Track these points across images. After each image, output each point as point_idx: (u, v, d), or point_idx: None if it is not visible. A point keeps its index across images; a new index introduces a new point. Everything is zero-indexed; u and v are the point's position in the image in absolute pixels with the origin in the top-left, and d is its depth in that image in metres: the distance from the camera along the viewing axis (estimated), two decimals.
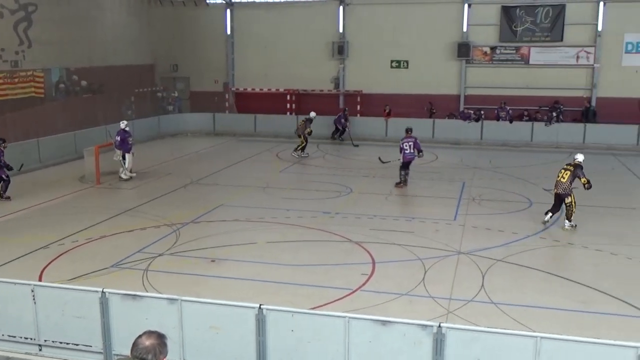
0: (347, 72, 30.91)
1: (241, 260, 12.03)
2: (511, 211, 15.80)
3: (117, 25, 28.90)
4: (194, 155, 24.43)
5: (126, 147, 19.14)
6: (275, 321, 7.23)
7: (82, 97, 26.18)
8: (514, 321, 9.16)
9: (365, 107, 30.29)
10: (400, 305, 9.88)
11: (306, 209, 15.83)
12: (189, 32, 32.27)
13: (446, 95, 29.46)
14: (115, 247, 12.74)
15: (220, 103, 32.12)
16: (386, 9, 29.83)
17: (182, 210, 15.72)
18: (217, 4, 32.44)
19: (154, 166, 21.49)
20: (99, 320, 7.76)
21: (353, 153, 24.69)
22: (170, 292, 8.45)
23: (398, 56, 30.13)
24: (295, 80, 30.92)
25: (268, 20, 31.45)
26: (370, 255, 12.26)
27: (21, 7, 22.93)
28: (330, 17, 30.68)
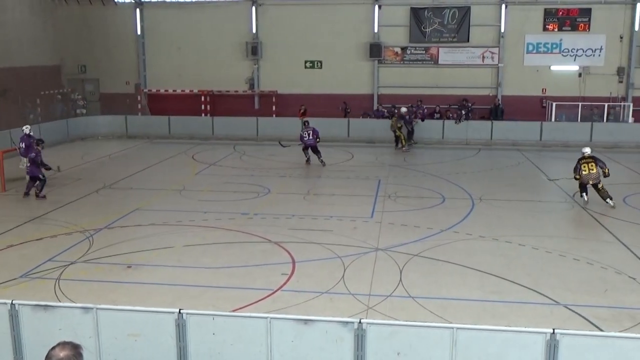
0: (261, 73, 30.87)
1: (159, 265, 11.80)
2: (426, 207, 16.25)
3: (18, 24, 27.57)
4: (106, 159, 23.68)
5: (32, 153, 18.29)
6: (196, 325, 7.12)
7: None
8: (432, 314, 9.44)
9: (280, 107, 30.35)
10: (321, 303, 9.97)
11: (224, 210, 15.69)
12: (97, 32, 31.25)
13: (360, 95, 29.97)
14: (23, 257, 12.17)
15: (132, 105, 31.29)
16: (299, 9, 30.01)
17: (95, 215, 15.22)
18: (126, 4, 31.61)
19: (63, 171, 20.63)
20: (9, 333, 7.41)
21: (269, 153, 24.67)
22: (85, 300, 8.19)
23: (312, 56, 30.38)
24: (210, 81, 30.58)
25: (180, 20, 30.93)
26: (290, 254, 12.30)
27: None
28: (243, 18, 30.55)
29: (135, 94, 31.65)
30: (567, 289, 10.52)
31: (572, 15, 28.68)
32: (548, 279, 10.99)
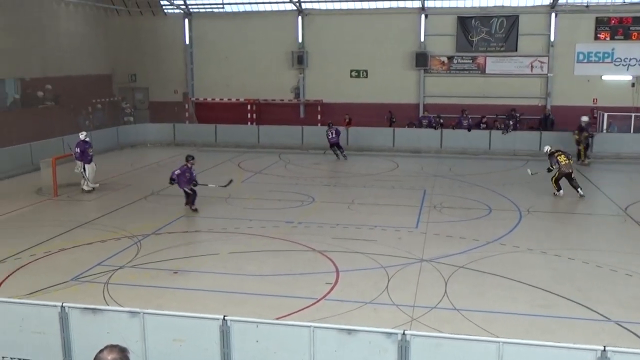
0: (307, 82, 31.02)
1: (204, 272, 11.93)
2: (472, 218, 16.03)
3: (73, 34, 28.43)
4: (154, 166, 24.13)
5: (86, 159, 18.81)
6: (240, 332, 7.16)
7: (37, 107, 25.62)
8: (477, 327, 9.28)
9: (325, 116, 30.39)
10: (364, 313, 9.92)
11: (269, 218, 15.78)
12: (147, 42, 31.93)
13: (405, 104, 29.81)
14: (74, 261, 12.48)
15: (180, 113, 31.85)
16: (345, 19, 30.08)
17: (143, 221, 15.50)
18: (175, 14, 32.22)
19: (113, 177, 21.15)
20: (59, 335, 7.58)
21: (314, 162, 24.75)
22: (133, 305, 8.32)
23: (357, 65, 30.39)
24: (256, 90, 30.88)
25: (227, 30, 31.37)
26: (334, 264, 12.28)
27: None
28: (289, 27, 30.77)
29: (183, 102, 32.19)
30: (619, 305, 10.21)
31: (625, 23, 27.95)
32: (599, 294, 10.69)
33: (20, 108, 24.89)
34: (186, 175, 16.44)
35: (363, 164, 24.67)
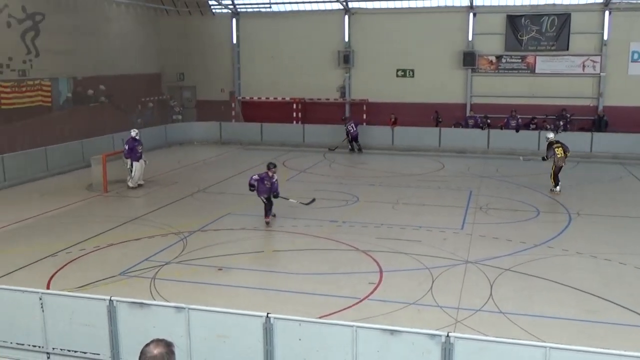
0: (352, 81, 30.94)
1: (248, 269, 12.03)
2: (519, 220, 15.74)
3: (124, 34, 29.07)
4: (200, 164, 24.47)
5: (134, 156, 19.19)
6: (283, 330, 7.21)
7: (89, 106, 26.28)
8: (523, 331, 9.11)
9: (371, 115, 30.31)
10: (408, 314, 9.85)
11: (313, 217, 15.81)
12: (195, 41, 32.38)
13: (452, 104, 29.44)
14: (122, 255, 12.76)
15: (226, 112, 32.19)
16: (391, 18, 29.90)
17: (189, 218, 15.74)
18: (223, 14, 32.58)
19: (161, 175, 21.54)
20: (107, 328, 7.76)
21: (359, 162, 24.69)
22: (178, 300, 8.44)
23: (404, 65, 30.16)
24: (302, 89, 30.97)
25: (274, 29, 31.55)
26: (378, 264, 12.23)
27: (29, 16, 23.07)
28: (336, 26, 30.75)
29: (229, 101, 32.55)
30: None
31: None
32: None
33: (73, 106, 25.55)
34: (265, 184, 15.10)
35: (408, 164, 24.50)
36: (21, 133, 21.93)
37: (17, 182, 19.74)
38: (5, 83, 21.87)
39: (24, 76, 22.90)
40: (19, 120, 22.23)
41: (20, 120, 22.23)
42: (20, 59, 22.72)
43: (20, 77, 22.71)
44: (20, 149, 21.00)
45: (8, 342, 8.21)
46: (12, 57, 22.30)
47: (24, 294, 8.12)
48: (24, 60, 22.92)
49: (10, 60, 22.24)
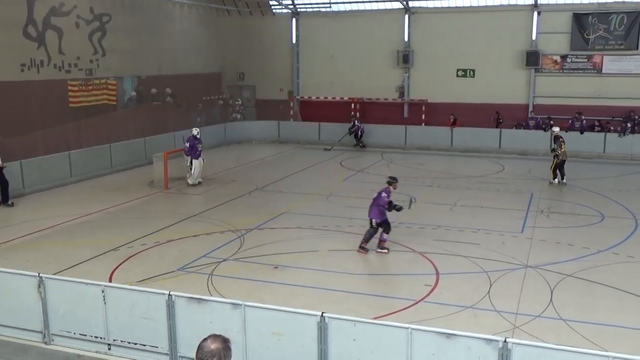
0: (411, 81, 30.66)
1: (304, 268, 12.08)
2: (582, 225, 15.28)
3: (186, 34, 29.66)
4: (258, 163, 24.74)
5: (194, 154, 19.57)
6: (337, 330, 7.20)
7: (152, 104, 26.94)
8: (584, 339, 8.83)
9: (429, 116, 29.98)
10: (464, 318, 9.70)
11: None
12: (255, 41, 32.76)
13: (513, 105, 28.79)
14: (181, 251, 13.02)
15: (285, 111, 32.45)
16: (452, 17, 29.48)
17: (247, 216, 15.93)
18: (283, 14, 32.83)
19: (219, 173, 21.88)
20: (165, 322, 7.93)
21: (417, 162, 24.46)
22: (234, 297, 8.54)
23: (464, 65, 29.70)
24: (360, 88, 30.91)
25: (333, 29, 31.59)
26: (434, 266, 12.09)
27: (96, 17, 23.81)
28: (396, 26, 30.54)
29: (288, 100, 32.78)
30: None
31: None
32: None
33: (136, 104, 26.24)
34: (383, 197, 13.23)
35: (467, 165, 24.13)
36: (87, 130, 22.66)
37: (83, 178, 20.42)
38: (73, 82, 22.64)
39: (90, 75, 23.64)
40: (86, 118, 22.96)
41: (86, 118, 22.97)
42: (87, 59, 23.47)
43: (87, 76, 23.46)
44: (87, 145, 21.71)
45: (72, 333, 8.50)
46: (80, 56, 23.05)
47: (88, 286, 8.38)
48: (91, 59, 23.67)
49: (78, 59, 22.99)
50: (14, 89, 20.03)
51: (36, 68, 21.07)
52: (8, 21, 19.90)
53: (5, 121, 19.16)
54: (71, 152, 20.57)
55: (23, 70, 20.54)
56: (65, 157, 20.19)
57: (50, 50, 21.58)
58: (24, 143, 19.70)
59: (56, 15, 21.81)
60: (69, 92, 22.43)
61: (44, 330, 8.60)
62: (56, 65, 21.90)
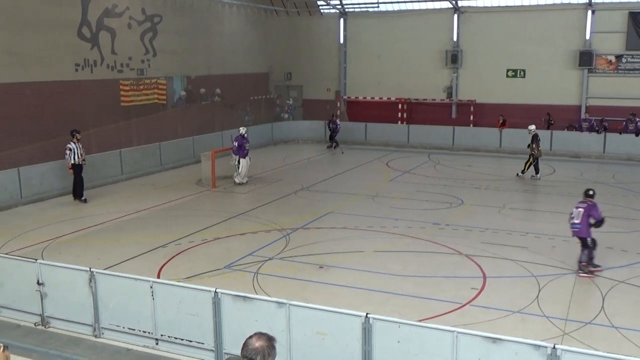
0: (460, 81, 30.30)
1: (349, 268, 12.06)
2: (636, 230, 14.82)
3: (235, 35, 29.97)
4: (305, 162, 24.83)
5: (242, 153, 19.76)
6: (382, 331, 7.16)
7: (200, 104, 27.33)
8: (637, 348, 8.56)
9: (478, 117, 29.57)
10: (511, 323, 9.52)
11: (415, 219, 15.64)
12: (303, 41, 32.89)
13: (565, 106, 28.14)
14: (228, 249, 13.16)
15: (331, 111, 32.42)
16: (503, 17, 28.99)
17: (292, 215, 16.00)
18: (331, 14, 32.86)
19: (266, 172, 22.05)
20: (211, 319, 8.02)
21: (465, 164, 24.15)
22: (279, 295, 8.59)
23: (514, 65, 29.16)
24: (408, 88, 30.70)
25: (381, 29, 31.46)
26: (481, 269, 11.91)
27: (148, 18, 24.29)
28: (445, 26, 30.22)
29: (335, 100, 32.79)
30: None
31: None
32: None
33: (185, 104, 26.66)
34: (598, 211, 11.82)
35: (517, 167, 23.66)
36: (138, 129, 23.13)
37: (133, 176, 20.86)
38: (125, 81, 23.13)
39: (142, 75, 24.11)
40: (136, 117, 23.43)
41: (137, 117, 23.44)
42: (139, 59, 23.96)
43: (138, 76, 23.94)
44: (137, 144, 22.18)
45: (121, 327, 8.68)
46: (132, 56, 23.54)
47: (137, 281, 8.55)
48: (142, 59, 24.15)
49: (130, 59, 23.49)
50: (69, 89, 20.60)
51: (90, 68, 21.61)
52: (64, 22, 20.47)
53: (61, 120, 19.71)
54: (122, 150, 21.05)
55: (77, 70, 21.11)
56: (117, 155, 20.68)
57: (103, 50, 22.11)
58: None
59: (109, 16, 22.34)
60: (120, 92, 22.94)
61: (94, 323, 8.82)
62: (109, 65, 22.44)
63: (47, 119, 19.48)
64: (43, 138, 19.20)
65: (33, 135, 18.99)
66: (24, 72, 18.96)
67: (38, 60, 19.43)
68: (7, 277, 9.40)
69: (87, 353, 8.35)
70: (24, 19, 18.94)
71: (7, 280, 9.40)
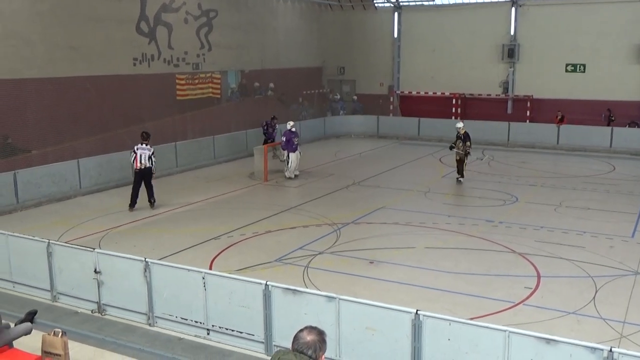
0: (517, 76, 29.65)
1: (399, 264, 11.99)
2: None
3: (289, 29, 30.11)
4: (357, 157, 24.77)
5: (291, 147, 19.85)
6: (432, 328, 7.09)
7: (253, 98, 27.59)
8: None
9: (535, 112, 28.91)
10: (566, 324, 9.29)
11: (468, 215, 15.42)
12: (356, 35, 32.78)
13: (627, 102, 27.24)
14: (278, 243, 13.26)
15: (384, 106, 32.30)
16: (563, 10, 28.21)
17: (344, 210, 15.99)
18: (385, 8, 32.64)
19: (318, 166, 22.10)
20: (262, 311, 8.10)
21: (520, 160, 23.66)
22: (329, 289, 8.60)
23: (574, 59, 28.36)
24: (462, 83, 30.25)
25: (436, 23, 31.06)
26: (535, 268, 11.65)
27: (204, 13, 24.64)
28: (502, 19, 29.62)
29: (388, 95, 32.60)
30: None
31: None
32: None
33: (239, 98, 26.95)
34: None
35: (574, 164, 23.09)
36: (192, 122, 23.53)
37: (187, 168, 21.24)
38: (181, 76, 23.56)
39: (197, 69, 24.50)
40: (191, 110, 23.84)
41: (192, 111, 23.84)
42: (194, 53, 24.34)
43: (194, 70, 24.33)
44: (191, 137, 22.57)
45: (174, 316, 8.86)
46: (188, 51, 23.94)
47: (190, 272, 8.70)
48: (197, 54, 24.53)
49: (186, 54, 23.89)
50: (127, 82, 21.11)
51: (147, 62, 22.09)
52: (123, 18, 20.97)
53: (120, 113, 20.24)
54: (177, 143, 21.44)
55: (135, 65, 21.60)
56: (172, 148, 21.09)
57: (160, 45, 22.56)
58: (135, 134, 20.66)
59: (167, 11, 22.77)
60: (176, 86, 23.37)
61: (148, 312, 9.02)
62: (165, 59, 22.88)
63: (105, 112, 20.02)
64: (102, 131, 19.76)
65: (92, 127, 19.55)
66: (85, 66, 19.52)
67: (98, 55, 19.98)
68: (66, 265, 9.71)
69: (141, 341, 8.55)
70: (84, 14, 19.49)
71: (66, 268, 9.71)
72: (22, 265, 10.20)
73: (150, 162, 15.68)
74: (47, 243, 9.80)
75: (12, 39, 17.56)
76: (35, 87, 18.09)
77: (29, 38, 17.97)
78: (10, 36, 17.50)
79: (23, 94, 17.84)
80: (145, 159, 15.63)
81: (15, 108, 17.62)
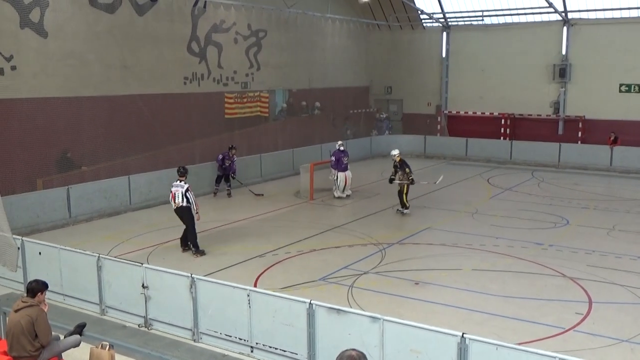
0: (568, 96, 29.06)
1: (446, 286, 11.81)
2: None
3: (337, 49, 30.30)
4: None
5: (340, 167, 19.86)
6: (478, 352, 6.94)
7: (300, 116, 27.78)
8: None
9: (587, 133, 28.25)
10: (619, 352, 8.97)
11: (517, 238, 15.11)
12: (404, 55, 32.74)
13: None
14: (323, 261, 13.23)
15: (431, 126, 32.06)
16: (616, 29, 27.58)
17: (389, 230, 15.89)
18: (434, 27, 32.53)
19: (364, 186, 22.04)
20: (305, 329, 8.07)
21: (572, 182, 23.11)
22: (373, 310, 8.52)
23: (628, 79, 27.63)
24: (511, 104, 29.82)
25: (485, 42, 30.77)
26: (587, 293, 11.32)
27: (253, 33, 25.04)
28: (553, 39, 29.13)
29: (435, 115, 32.38)
30: None
31: None
32: None
33: (286, 116, 27.19)
34: None
35: (629, 187, 22.42)
36: (240, 140, 23.79)
37: (234, 186, 21.43)
38: (230, 94, 23.93)
39: (245, 88, 24.86)
40: (239, 128, 24.15)
41: (240, 129, 24.14)
42: (243, 72, 24.72)
43: (242, 89, 24.70)
44: (239, 155, 22.80)
45: (218, 333, 8.91)
46: (237, 70, 24.32)
47: (235, 289, 8.75)
48: (246, 73, 24.90)
49: (235, 73, 24.28)
50: (177, 101, 21.55)
51: (197, 81, 22.54)
52: (175, 38, 21.48)
53: (170, 131, 20.64)
54: None
55: (185, 83, 22.06)
56: None
57: (210, 64, 23.00)
58: (184, 151, 21.10)
59: (217, 32, 23.23)
60: (225, 104, 23.74)
61: (193, 328, 9.10)
62: (215, 78, 23.30)
63: (156, 129, 20.45)
64: (152, 148, 20.17)
65: (143, 144, 19.97)
66: (137, 85, 20.04)
67: (150, 74, 20.50)
68: (115, 279, 9.90)
69: (186, 356, 8.61)
70: (138, 35, 20.06)
71: (115, 282, 9.90)
72: (72, 278, 10.45)
73: (184, 200, 13.52)
74: (97, 257, 10.02)
75: (71, 59, 18.19)
76: (91, 105, 18.64)
77: (86, 58, 18.58)
78: (70, 56, 18.14)
79: (80, 112, 18.40)
80: (180, 198, 13.52)
81: (72, 125, 18.18)
